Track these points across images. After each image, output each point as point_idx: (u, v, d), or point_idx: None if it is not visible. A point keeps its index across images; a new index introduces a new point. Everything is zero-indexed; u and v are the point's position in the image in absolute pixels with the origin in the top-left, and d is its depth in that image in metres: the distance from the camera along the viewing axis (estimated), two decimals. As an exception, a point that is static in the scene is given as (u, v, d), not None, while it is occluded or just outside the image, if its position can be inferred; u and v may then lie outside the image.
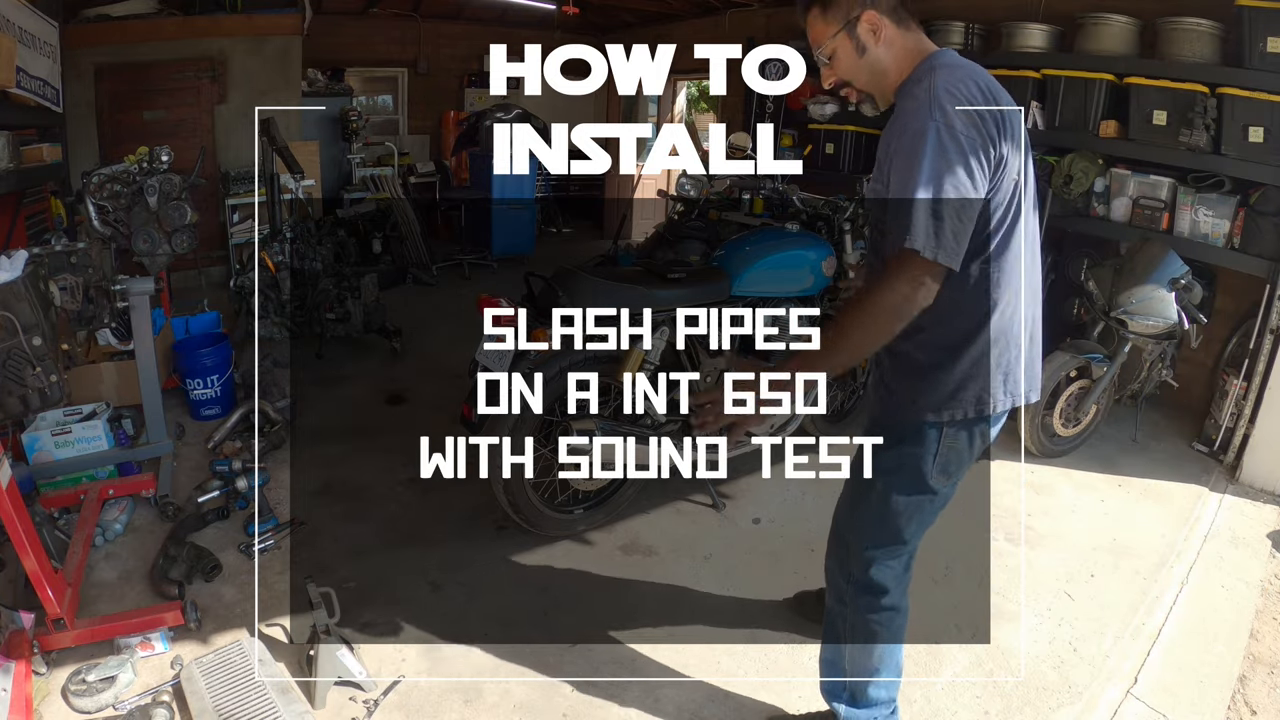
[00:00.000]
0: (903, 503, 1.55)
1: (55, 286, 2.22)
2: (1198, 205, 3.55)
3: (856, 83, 1.43)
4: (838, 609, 1.72)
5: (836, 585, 1.73)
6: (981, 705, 1.95)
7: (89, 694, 1.81)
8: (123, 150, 3.61)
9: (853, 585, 1.66)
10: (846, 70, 1.42)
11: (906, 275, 1.30)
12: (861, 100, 1.48)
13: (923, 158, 1.27)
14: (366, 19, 7.75)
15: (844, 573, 1.69)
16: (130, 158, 3.21)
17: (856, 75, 1.42)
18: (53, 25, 4.29)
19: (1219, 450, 3.41)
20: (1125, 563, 2.61)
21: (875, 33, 1.37)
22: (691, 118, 11.10)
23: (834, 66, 1.43)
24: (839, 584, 1.71)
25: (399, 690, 1.92)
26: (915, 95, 1.33)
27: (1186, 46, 3.55)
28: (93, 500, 2.49)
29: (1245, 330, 3.44)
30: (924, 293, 1.30)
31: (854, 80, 1.43)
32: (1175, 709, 1.97)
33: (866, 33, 1.37)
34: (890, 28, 1.38)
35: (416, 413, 3.64)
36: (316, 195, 5.89)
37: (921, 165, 1.27)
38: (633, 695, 1.95)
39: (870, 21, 1.37)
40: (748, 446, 2.85)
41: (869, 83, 1.43)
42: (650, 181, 8.30)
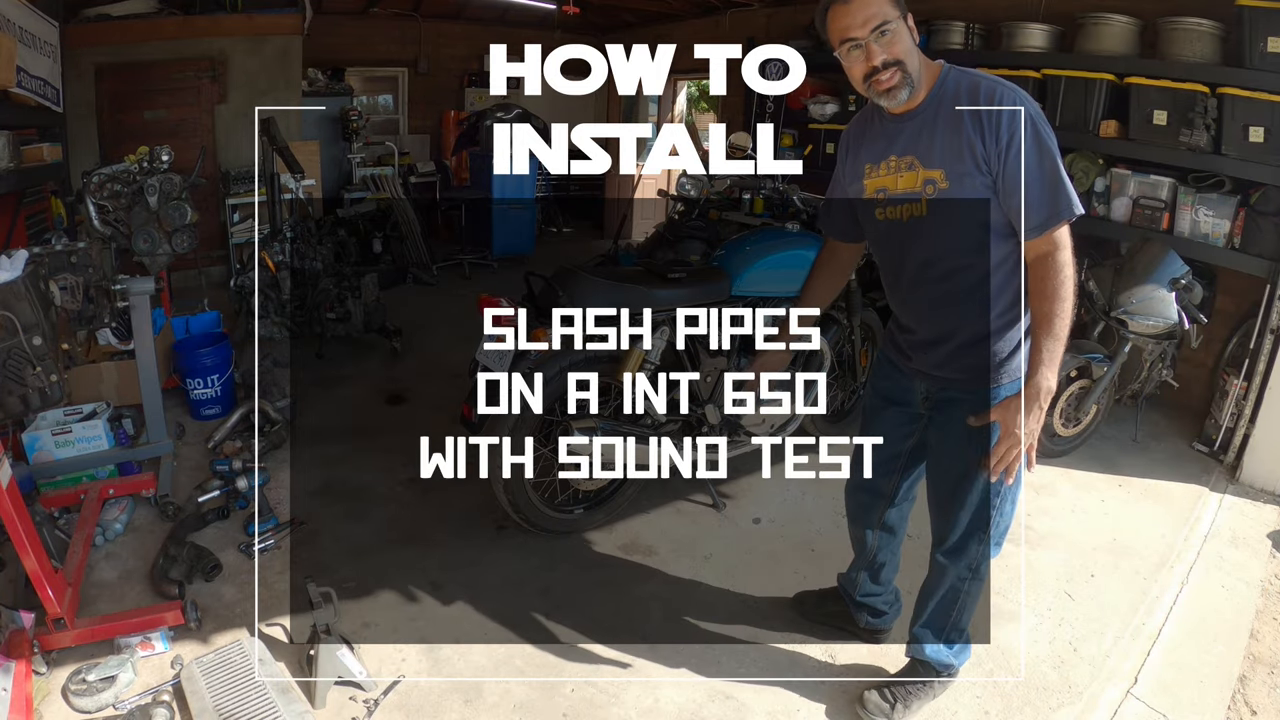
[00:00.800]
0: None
1: (55, 286, 2.22)
2: (1198, 205, 3.55)
3: (908, 64, 1.50)
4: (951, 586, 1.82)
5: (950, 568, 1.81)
6: (981, 705, 1.95)
7: (89, 694, 1.81)
8: (123, 150, 3.61)
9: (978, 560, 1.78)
10: (904, 50, 1.50)
11: (1066, 242, 1.50)
12: (900, 87, 1.51)
13: (1046, 142, 1.46)
14: (366, 19, 7.75)
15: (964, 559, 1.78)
16: (130, 157, 3.21)
17: (909, 55, 1.51)
18: (53, 25, 4.29)
19: (1219, 450, 3.41)
20: (1125, 563, 2.61)
21: (914, 32, 1.53)
22: (691, 118, 11.09)
23: (892, 42, 1.48)
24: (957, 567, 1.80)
25: (399, 690, 1.92)
26: (1001, 86, 1.49)
27: (1187, 46, 3.54)
28: (93, 500, 2.49)
29: (1245, 330, 3.44)
30: None
31: (906, 61, 1.50)
32: (1175, 709, 1.97)
33: (911, 28, 1.52)
34: (916, 40, 1.55)
35: (416, 413, 3.64)
36: (317, 195, 5.90)
37: (1052, 149, 1.47)
38: (633, 695, 1.95)
39: (911, 23, 1.52)
40: (748, 446, 2.86)
41: (914, 67, 1.52)
42: (650, 181, 8.30)
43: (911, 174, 1.58)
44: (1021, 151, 1.45)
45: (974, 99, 1.49)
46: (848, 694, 1.97)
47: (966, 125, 1.49)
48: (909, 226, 1.61)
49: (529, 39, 7.14)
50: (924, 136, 1.55)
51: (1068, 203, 1.48)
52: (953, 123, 1.51)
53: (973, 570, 1.79)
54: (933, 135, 1.54)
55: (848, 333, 3.29)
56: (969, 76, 1.54)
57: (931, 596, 1.88)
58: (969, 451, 1.66)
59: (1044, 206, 1.48)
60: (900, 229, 1.63)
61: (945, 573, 1.83)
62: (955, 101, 1.51)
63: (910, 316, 1.76)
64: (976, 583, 1.81)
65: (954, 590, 1.82)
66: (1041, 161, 1.46)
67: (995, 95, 1.48)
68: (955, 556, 1.79)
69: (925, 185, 1.56)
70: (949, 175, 1.52)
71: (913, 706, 1.89)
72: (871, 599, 2.11)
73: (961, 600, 1.83)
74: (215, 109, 5.64)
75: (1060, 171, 1.48)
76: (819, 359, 3.01)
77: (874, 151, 1.65)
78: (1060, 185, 1.47)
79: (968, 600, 1.83)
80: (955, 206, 1.54)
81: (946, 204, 1.54)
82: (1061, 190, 1.47)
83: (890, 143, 1.61)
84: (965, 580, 1.80)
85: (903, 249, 1.67)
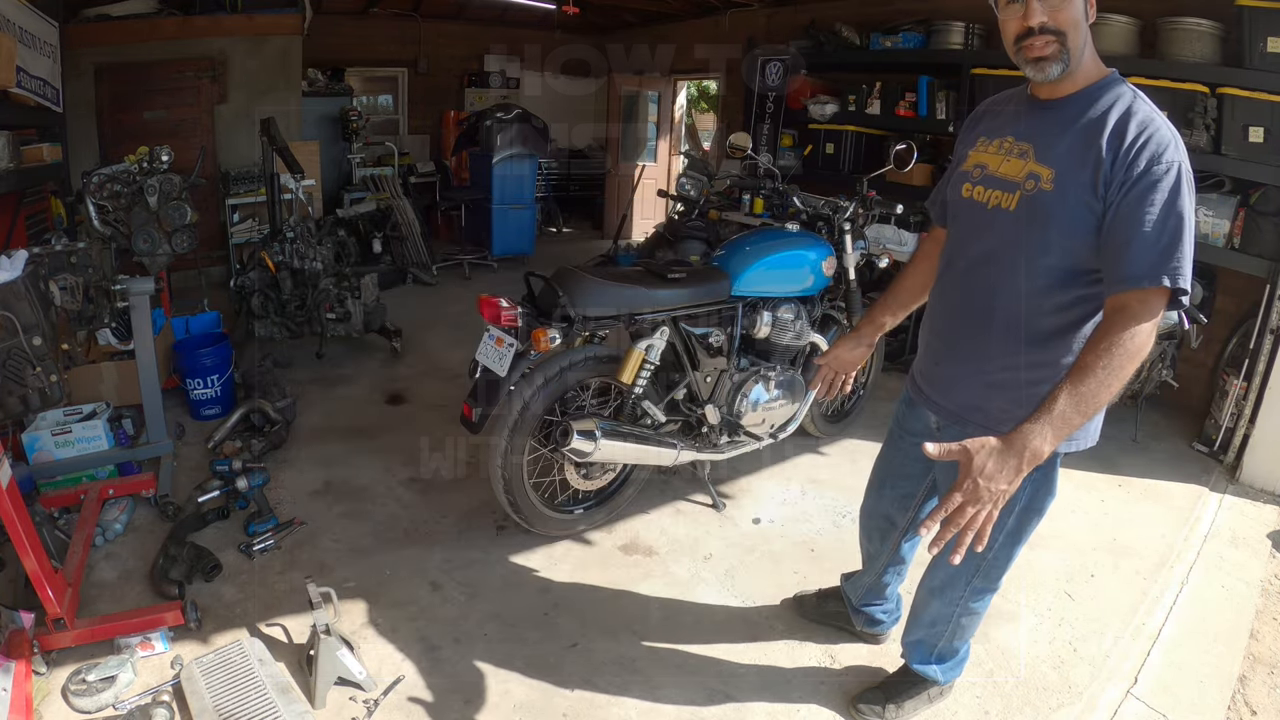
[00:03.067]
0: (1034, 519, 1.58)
1: (55, 286, 2.22)
2: (1198, 205, 3.55)
3: (1071, 36, 1.31)
4: (943, 617, 1.76)
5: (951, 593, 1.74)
6: (981, 705, 1.95)
7: (89, 694, 1.81)
8: (123, 150, 3.61)
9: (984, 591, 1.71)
10: (1069, 20, 1.30)
11: (1154, 312, 1.23)
12: (1051, 60, 1.32)
13: (1182, 201, 1.23)
14: (366, 19, 7.75)
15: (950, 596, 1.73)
16: (130, 158, 3.22)
17: (1074, 29, 1.31)
18: (53, 25, 4.29)
19: (1219, 450, 3.41)
20: (1125, 563, 2.61)
21: (1091, 9, 1.33)
22: (691, 118, 11.09)
23: (1060, 7, 1.29)
24: (957, 592, 1.72)
25: (399, 690, 1.92)
26: (1153, 122, 1.28)
27: (1186, 46, 3.55)
28: (93, 500, 2.49)
29: (1245, 330, 3.44)
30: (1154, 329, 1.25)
31: (1069, 31, 1.30)
32: (1175, 709, 1.97)
33: (1089, 5, 1.32)
34: (1092, 19, 1.34)
35: (416, 413, 3.64)
36: (317, 195, 5.90)
37: (1184, 209, 1.23)
38: (633, 695, 1.94)
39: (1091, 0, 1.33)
40: (748, 446, 2.86)
41: (1075, 44, 1.31)
42: (650, 181, 8.31)
43: (1019, 162, 1.40)
44: (1153, 193, 1.23)
45: (1126, 120, 1.28)
46: (847, 694, 1.97)
47: (1106, 139, 1.28)
48: (989, 215, 1.44)
49: (529, 39, 7.28)
50: (1054, 130, 1.36)
51: (1177, 269, 1.22)
52: (1092, 130, 1.31)
53: (967, 607, 1.72)
54: (1063, 132, 1.35)
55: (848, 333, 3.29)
56: (1136, 98, 1.32)
57: (923, 621, 1.82)
58: None
59: (1149, 259, 1.23)
60: (979, 214, 1.46)
61: (929, 606, 1.78)
62: (1107, 111, 1.31)
63: (941, 319, 1.60)
64: (971, 617, 1.75)
65: (945, 620, 1.76)
66: (1168, 215, 1.23)
67: (1148, 129, 1.26)
68: (941, 595, 1.74)
69: (1028, 179, 1.37)
70: (1058, 178, 1.33)
71: (905, 707, 1.87)
72: (872, 608, 2.11)
73: (953, 629, 1.77)
74: (215, 109, 5.65)
75: (1184, 237, 1.23)
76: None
77: (993, 128, 1.50)
78: (1178, 249, 1.22)
79: (959, 629, 1.77)
80: (1048, 215, 1.34)
81: (1040, 208, 1.35)
82: (1177, 254, 1.22)
83: (1015, 124, 1.45)
84: (958, 614, 1.74)
85: (970, 236, 1.50)
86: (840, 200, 3.22)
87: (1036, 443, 1.21)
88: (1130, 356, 1.22)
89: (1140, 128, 1.27)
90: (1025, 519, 1.57)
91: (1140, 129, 1.27)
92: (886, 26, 5.19)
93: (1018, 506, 1.53)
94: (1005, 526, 1.56)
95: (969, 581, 1.68)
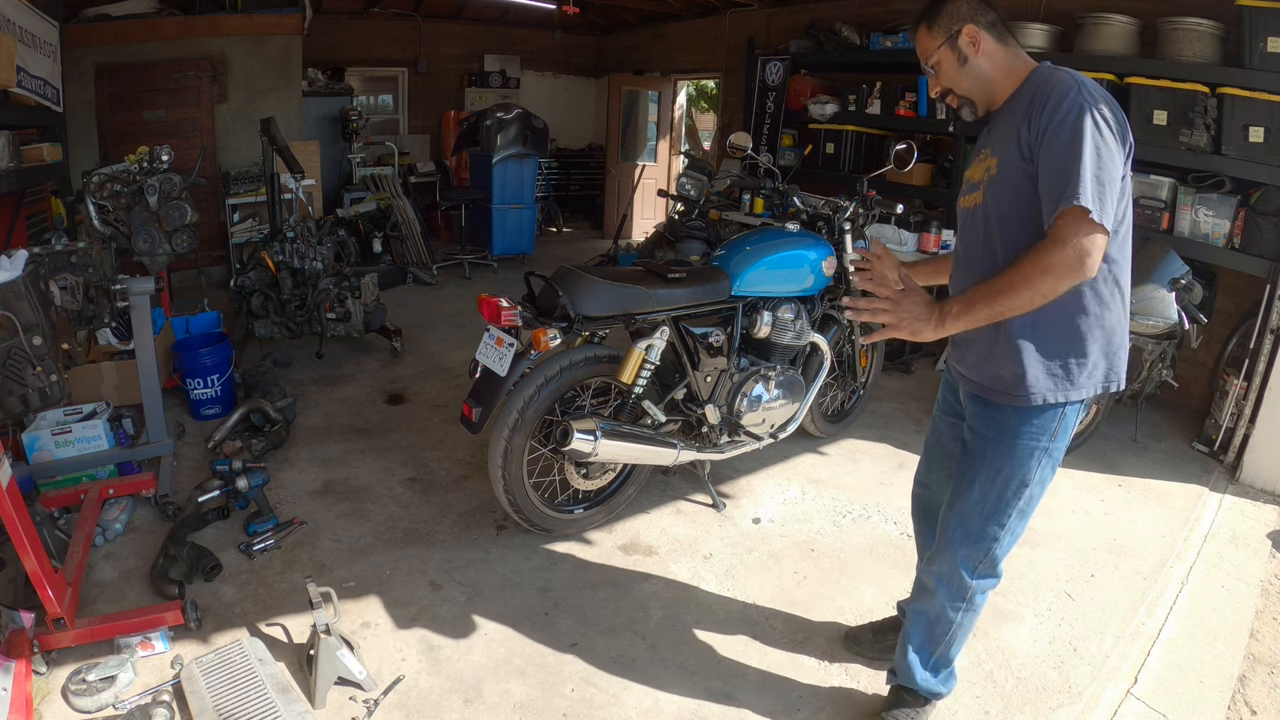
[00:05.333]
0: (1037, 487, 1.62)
1: (55, 286, 2.22)
2: (1198, 205, 3.55)
3: (957, 89, 1.61)
4: (945, 616, 1.76)
5: (937, 592, 1.75)
6: (981, 705, 1.95)
7: (89, 693, 1.81)
8: (123, 150, 3.62)
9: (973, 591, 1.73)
10: (948, 78, 1.61)
11: (1081, 233, 1.35)
12: (961, 106, 1.63)
13: (1083, 133, 1.36)
14: (366, 19, 7.76)
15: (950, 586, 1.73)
16: (130, 157, 3.22)
17: (957, 83, 1.60)
18: (53, 25, 4.30)
19: (1219, 450, 3.41)
20: (1125, 563, 2.61)
21: (974, 44, 1.56)
22: (691, 118, 11.09)
23: (939, 76, 1.62)
24: (944, 592, 1.74)
25: (399, 690, 1.92)
26: (1059, 82, 1.43)
27: (1186, 46, 3.55)
28: (93, 500, 2.49)
29: (1245, 330, 3.44)
30: (1093, 260, 1.36)
31: (955, 87, 1.61)
32: (1175, 709, 1.97)
33: (966, 44, 1.56)
34: (989, 41, 1.55)
35: (416, 413, 3.64)
36: (317, 195, 5.90)
37: (1083, 139, 1.36)
38: (633, 695, 1.95)
39: (970, 35, 1.55)
40: (748, 446, 2.86)
41: (969, 89, 1.60)
42: (650, 181, 8.31)
43: (982, 164, 1.61)
44: (1059, 135, 1.38)
45: (1038, 92, 1.46)
46: (847, 695, 1.97)
47: (1019, 111, 1.49)
48: (971, 214, 1.63)
49: (529, 39, 7.29)
50: (1002, 130, 1.56)
51: (1079, 191, 1.33)
52: (1018, 112, 1.49)
53: (968, 601, 1.73)
54: (1005, 127, 1.54)
55: (848, 333, 3.30)
56: (1053, 74, 1.48)
57: (921, 625, 1.81)
58: (975, 466, 1.63)
59: (1059, 188, 1.36)
60: (966, 216, 1.66)
61: (932, 598, 1.77)
62: (1030, 96, 1.49)
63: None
64: (970, 614, 1.76)
65: (947, 620, 1.76)
66: (1069, 147, 1.36)
67: (1053, 88, 1.43)
68: (941, 580, 1.74)
69: (985, 174, 1.58)
70: (1000, 162, 1.53)
71: None
72: None
73: (953, 632, 1.77)
74: (215, 109, 5.65)
75: (1083, 162, 1.34)
76: (818, 360, 3.02)
77: (979, 144, 1.70)
78: (1078, 173, 1.33)
79: (958, 632, 1.78)
80: (998, 194, 1.53)
81: (993, 191, 1.54)
82: (1079, 178, 1.33)
83: (986, 137, 1.66)
84: (959, 611, 1.74)
85: (964, 236, 1.68)
86: (840, 200, 3.22)
87: (944, 310, 1.49)
88: (1042, 270, 1.38)
89: (1046, 91, 1.44)
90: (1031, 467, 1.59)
91: (1046, 92, 1.44)
92: (886, 26, 5.19)
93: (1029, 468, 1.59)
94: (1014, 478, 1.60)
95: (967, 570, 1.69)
